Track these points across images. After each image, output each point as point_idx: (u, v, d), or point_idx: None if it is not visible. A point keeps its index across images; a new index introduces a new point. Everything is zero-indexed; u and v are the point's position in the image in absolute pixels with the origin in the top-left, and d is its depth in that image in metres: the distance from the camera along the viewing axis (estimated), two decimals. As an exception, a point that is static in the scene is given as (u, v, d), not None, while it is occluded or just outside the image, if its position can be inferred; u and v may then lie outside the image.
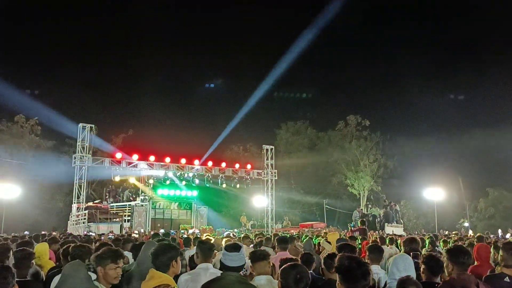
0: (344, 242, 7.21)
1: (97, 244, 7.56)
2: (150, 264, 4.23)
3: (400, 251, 9.02)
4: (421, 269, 4.70)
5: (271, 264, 4.90)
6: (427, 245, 9.80)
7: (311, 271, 5.54)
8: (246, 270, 5.30)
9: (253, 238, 12.51)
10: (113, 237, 14.65)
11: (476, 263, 6.14)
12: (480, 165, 43.44)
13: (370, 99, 54.48)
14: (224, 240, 9.84)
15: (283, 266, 3.81)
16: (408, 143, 47.20)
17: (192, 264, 6.22)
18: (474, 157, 43.51)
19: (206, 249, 5.11)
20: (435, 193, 38.16)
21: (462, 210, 43.86)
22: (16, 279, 3.83)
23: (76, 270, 3.91)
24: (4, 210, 28.71)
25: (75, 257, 5.10)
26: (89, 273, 4.18)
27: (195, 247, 5.35)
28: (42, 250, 7.29)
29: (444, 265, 4.52)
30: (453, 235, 17.97)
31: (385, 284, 4.71)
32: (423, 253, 6.42)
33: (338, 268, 3.39)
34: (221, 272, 4.26)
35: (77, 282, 3.81)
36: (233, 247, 4.30)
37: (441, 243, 11.24)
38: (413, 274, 4.34)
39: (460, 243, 8.99)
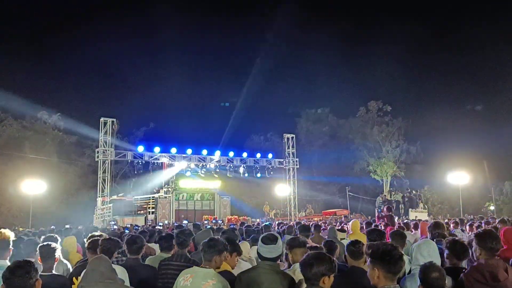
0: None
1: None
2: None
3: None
4: (445, 254, 4.64)
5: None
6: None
7: (335, 259, 5.52)
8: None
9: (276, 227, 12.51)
10: (139, 229, 14.81)
11: (503, 247, 6.04)
12: (505, 147, 42.64)
13: (391, 84, 53.77)
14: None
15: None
16: (431, 128, 46.64)
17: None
18: (499, 139, 42.72)
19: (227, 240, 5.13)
20: (459, 177, 37.46)
21: (488, 193, 43.15)
22: (40, 273, 3.87)
23: (98, 264, 3.95)
24: (31, 206, 29.13)
25: (104, 250, 5.15)
26: (113, 265, 4.22)
27: None
28: (69, 244, 7.40)
29: (473, 249, 4.47)
30: (477, 218, 17.85)
31: (410, 271, 4.67)
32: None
33: (375, 253, 3.34)
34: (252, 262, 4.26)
35: (98, 276, 3.84)
36: (270, 239, 4.29)
37: (467, 227, 11.12)
38: (437, 260, 4.28)
39: (486, 227, 8.88)
